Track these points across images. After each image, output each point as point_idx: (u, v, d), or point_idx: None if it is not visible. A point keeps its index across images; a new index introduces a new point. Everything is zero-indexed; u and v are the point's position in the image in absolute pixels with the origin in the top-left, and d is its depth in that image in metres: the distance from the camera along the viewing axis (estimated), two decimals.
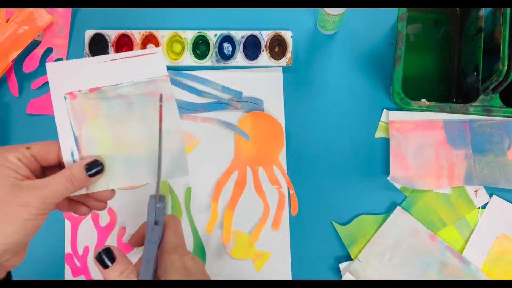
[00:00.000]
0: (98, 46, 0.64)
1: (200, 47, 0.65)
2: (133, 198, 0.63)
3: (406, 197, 0.62)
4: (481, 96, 0.57)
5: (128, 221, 0.62)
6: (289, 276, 0.62)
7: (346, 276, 0.60)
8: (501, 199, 0.61)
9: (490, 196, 0.62)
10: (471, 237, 0.61)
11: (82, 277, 0.62)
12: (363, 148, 0.63)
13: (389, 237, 0.61)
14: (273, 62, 0.63)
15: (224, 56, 0.64)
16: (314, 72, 0.65)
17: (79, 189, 0.38)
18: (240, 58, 0.64)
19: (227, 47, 0.64)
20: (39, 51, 0.65)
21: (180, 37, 0.64)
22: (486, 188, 0.62)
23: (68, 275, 0.62)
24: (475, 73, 0.57)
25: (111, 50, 0.64)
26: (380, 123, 0.64)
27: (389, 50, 0.65)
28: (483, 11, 0.57)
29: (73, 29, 0.66)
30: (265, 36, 0.64)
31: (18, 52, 0.63)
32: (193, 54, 0.64)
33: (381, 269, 0.60)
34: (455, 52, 0.64)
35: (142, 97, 0.40)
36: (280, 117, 0.64)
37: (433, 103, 0.56)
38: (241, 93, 0.64)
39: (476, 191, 0.62)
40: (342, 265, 0.61)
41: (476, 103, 0.57)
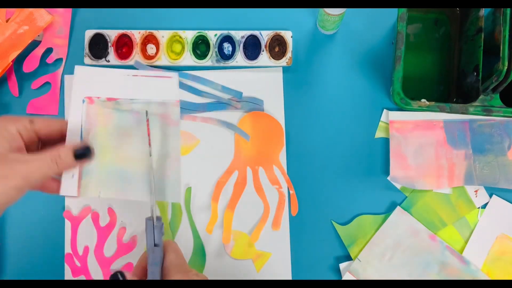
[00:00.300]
0: (98, 46, 0.64)
1: (200, 47, 0.65)
2: None
3: (406, 197, 0.62)
4: (481, 96, 0.57)
5: (128, 221, 0.62)
6: (289, 276, 0.62)
7: (346, 276, 0.60)
8: (501, 199, 0.61)
9: (490, 196, 0.62)
10: (471, 237, 0.61)
11: (82, 277, 0.62)
12: (363, 148, 0.63)
13: (389, 237, 0.61)
14: (273, 62, 0.63)
15: (224, 56, 0.64)
16: (314, 72, 0.65)
17: (64, 170, 0.37)
18: (240, 58, 0.64)
19: (227, 47, 0.64)
20: (39, 51, 0.65)
21: (180, 37, 0.64)
22: (486, 188, 0.62)
23: (68, 275, 0.62)
24: (475, 73, 0.57)
25: (111, 50, 0.64)
26: (380, 123, 0.64)
27: (389, 50, 0.65)
28: (483, 11, 0.57)
29: (73, 29, 0.66)
30: (265, 36, 0.64)
31: (18, 52, 0.63)
32: (193, 54, 0.64)
33: (381, 269, 0.60)
34: (455, 52, 0.64)
35: (152, 117, 0.40)
36: (280, 117, 0.64)
37: (433, 103, 0.56)
38: (241, 93, 0.64)
39: (476, 191, 0.62)
40: (342, 265, 0.61)
41: (476, 103, 0.57)
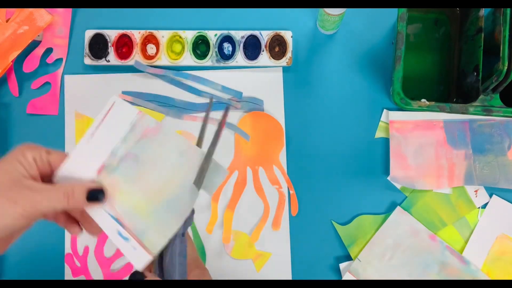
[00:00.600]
0: (98, 46, 0.64)
1: (200, 47, 0.65)
2: None
3: (406, 197, 0.62)
4: (481, 96, 0.57)
5: None
6: (289, 276, 0.62)
7: (346, 276, 0.60)
8: (501, 199, 0.61)
9: (490, 196, 0.62)
10: (471, 237, 0.61)
11: (82, 277, 0.62)
12: (363, 148, 0.63)
13: (389, 237, 0.61)
14: (273, 62, 0.63)
15: (224, 56, 0.64)
16: (314, 72, 0.65)
17: (74, 208, 0.37)
18: (240, 58, 0.64)
19: (227, 47, 0.64)
20: (39, 51, 0.65)
21: (180, 37, 0.64)
22: (486, 188, 0.62)
23: (68, 275, 0.62)
24: (475, 73, 0.57)
25: (111, 50, 0.64)
26: (380, 123, 0.63)
27: (389, 50, 0.65)
28: (483, 11, 0.57)
29: (73, 29, 0.66)
30: (265, 36, 0.64)
31: (18, 52, 0.63)
32: (193, 54, 0.64)
33: (381, 269, 0.60)
34: (455, 52, 0.64)
35: (140, 143, 0.39)
36: (280, 117, 0.64)
37: (433, 103, 0.56)
38: (241, 93, 0.64)
39: (476, 191, 0.62)
40: (342, 265, 0.61)
41: (476, 103, 0.57)
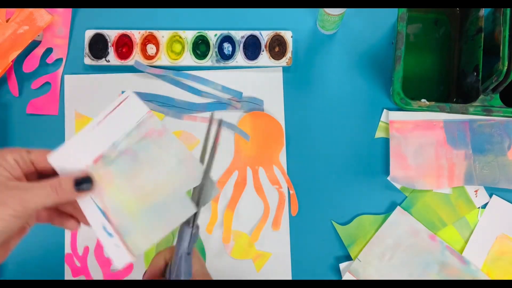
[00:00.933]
0: (98, 46, 0.64)
1: (200, 47, 0.65)
2: None
3: (406, 197, 0.62)
4: (481, 96, 0.57)
5: None
6: (289, 276, 0.62)
7: (346, 276, 0.60)
8: (501, 199, 0.61)
9: (490, 196, 0.62)
10: (471, 237, 0.61)
11: (82, 277, 0.62)
12: (363, 148, 0.63)
13: (389, 237, 0.61)
14: (273, 62, 0.63)
15: (224, 56, 0.64)
16: (314, 72, 0.65)
17: (63, 201, 0.37)
18: (240, 58, 0.64)
19: (227, 47, 0.64)
20: (39, 51, 0.65)
21: (180, 37, 0.64)
22: (486, 188, 0.62)
23: (68, 275, 0.62)
24: (475, 73, 0.57)
25: (111, 50, 0.64)
26: (380, 123, 0.63)
27: (389, 50, 0.65)
28: (483, 11, 0.57)
29: (73, 29, 0.66)
30: (265, 36, 0.64)
31: (18, 52, 0.63)
32: (193, 54, 0.64)
33: (381, 269, 0.60)
34: (455, 52, 0.64)
35: (142, 142, 0.39)
36: (280, 117, 0.64)
37: (433, 103, 0.56)
38: (241, 93, 0.64)
39: (476, 191, 0.62)
40: (342, 265, 0.61)
41: (476, 103, 0.57)
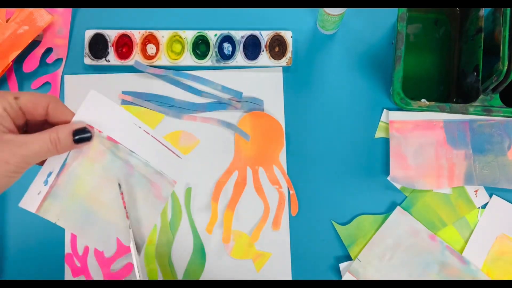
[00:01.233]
0: (98, 46, 0.64)
1: (200, 47, 0.65)
2: None
3: (406, 197, 0.62)
4: (481, 96, 0.57)
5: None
6: (289, 276, 0.62)
7: (346, 276, 0.60)
8: (501, 199, 0.61)
9: (490, 196, 0.62)
10: (471, 237, 0.61)
11: (82, 277, 0.62)
12: (363, 148, 0.63)
13: (389, 237, 0.61)
14: (273, 62, 0.63)
15: (224, 56, 0.64)
16: (314, 72, 0.65)
17: (62, 153, 0.36)
18: (240, 58, 0.64)
19: (227, 47, 0.64)
20: (39, 51, 0.65)
21: (180, 37, 0.64)
22: (486, 188, 0.62)
23: (68, 275, 0.62)
24: (475, 73, 0.57)
25: (111, 50, 0.64)
26: (380, 123, 0.63)
27: (389, 50, 0.65)
28: (483, 11, 0.57)
29: (73, 29, 0.66)
30: (265, 36, 0.64)
31: (18, 52, 0.63)
32: (193, 54, 0.64)
33: (381, 269, 0.60)
34: (455, 52, 0.64)
35: (143, 180, 0.39)
36: (280, 117, 0.64)
37: (433, 103, 0.56)
38: (241, 93, 0.64)
39: (476, 191, 0.62)
40: (342, 265, 0.61)
41: (476, 103, 0.57)
